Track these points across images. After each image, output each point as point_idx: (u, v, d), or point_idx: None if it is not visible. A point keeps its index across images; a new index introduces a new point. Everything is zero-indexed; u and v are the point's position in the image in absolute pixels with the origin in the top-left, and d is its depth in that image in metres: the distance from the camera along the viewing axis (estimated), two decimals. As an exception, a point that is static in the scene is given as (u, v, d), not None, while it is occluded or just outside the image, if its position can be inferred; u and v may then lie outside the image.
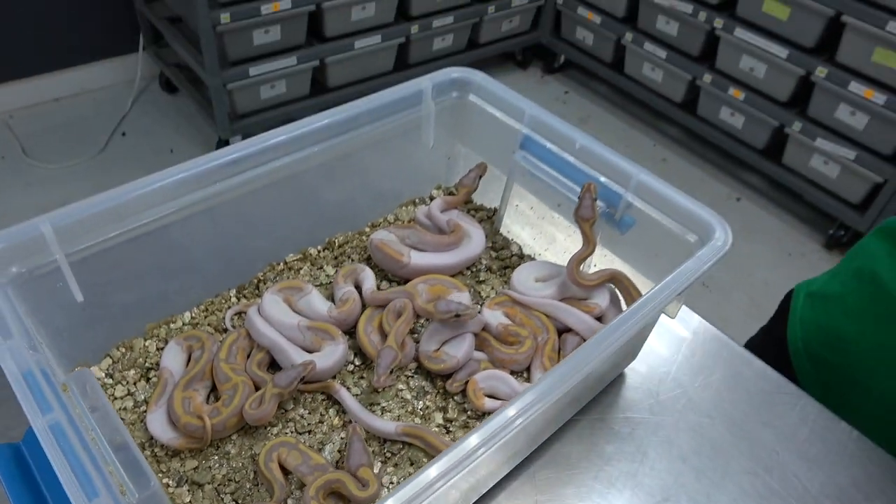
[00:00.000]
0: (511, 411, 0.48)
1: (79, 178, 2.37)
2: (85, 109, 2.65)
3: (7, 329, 0.50)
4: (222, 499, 0.57)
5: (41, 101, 2.66)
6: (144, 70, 2.70)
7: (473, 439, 0.47)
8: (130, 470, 0.47)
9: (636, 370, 0.75)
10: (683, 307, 0.82)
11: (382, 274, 0.76)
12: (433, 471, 0.45)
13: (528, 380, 0.68)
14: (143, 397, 0.64)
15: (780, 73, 2.22)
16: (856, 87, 2.04)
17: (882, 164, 2.06)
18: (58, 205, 0.59)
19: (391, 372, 0.63)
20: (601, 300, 0.71)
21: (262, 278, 0.75)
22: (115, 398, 0.63)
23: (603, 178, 0.71)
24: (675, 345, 0.78)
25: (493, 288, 0.76)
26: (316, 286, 0.73)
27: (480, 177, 0.79)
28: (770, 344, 0.85)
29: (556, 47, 2.95)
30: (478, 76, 0.79)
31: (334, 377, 0.66)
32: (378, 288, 0.73)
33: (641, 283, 0.71)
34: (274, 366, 0.67)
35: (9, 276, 0.55)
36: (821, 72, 2.11)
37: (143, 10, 2.54)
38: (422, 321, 0.71)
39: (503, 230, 0.83)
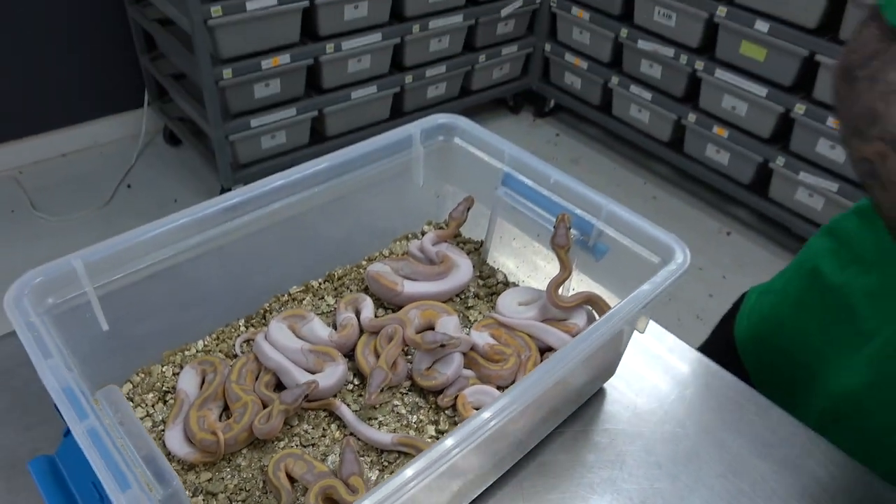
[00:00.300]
0: (486, 414, 0.55)
1: (85, 230, 2.47)
2: (91, 163, 2.78)
3: (47, 350, 0.57)
4: (235, 506, 0.64)
5: (49, 157, 2.78)
6: (149, 124, 2.83)
7: (449, 441, 0.53)
8: (155, 471, 0.54)
9: (615, 386, 0.82)
10: (659, 327, 0.89)
11: (379, 302, 0.84)
12: (409, 471, 0.51)
13: (513, 395, 0.74)
14: (160, 418, 0.71)
15: (760, 110, 2.34)
16: (834, 122, 2.15)
17: (864, 196, 2.15)
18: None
19: (382, 390, 0.70)
20: (579, 320, 0.78)
21: (268, 309, 0.82)
22: (136, 419, 0.70)
23: (578, 211, 0.79)
24: (651, 362, 0.85)
25: (480, 312, 0.83)
26: (318, 315, 0.80)
27: (468, 209, 0.88)
28: (720, 339, 0.93)
29: (545, 92, 3.09)
30: (461, 121, 0.88)
31: (335, 395, 0.73)
32: (375, 315, 0.81)
33: (615, 303, 0.78)
34: (280, 386, 0.74)
35: (46, 307, 0.63)
36: (799, 108, 2.22)
37: (149, 68, 2.68)
38: (415, 344, 0.78)
39: (490, 260, 0.91)
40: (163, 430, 0.69)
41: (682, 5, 2.40)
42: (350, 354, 0.77)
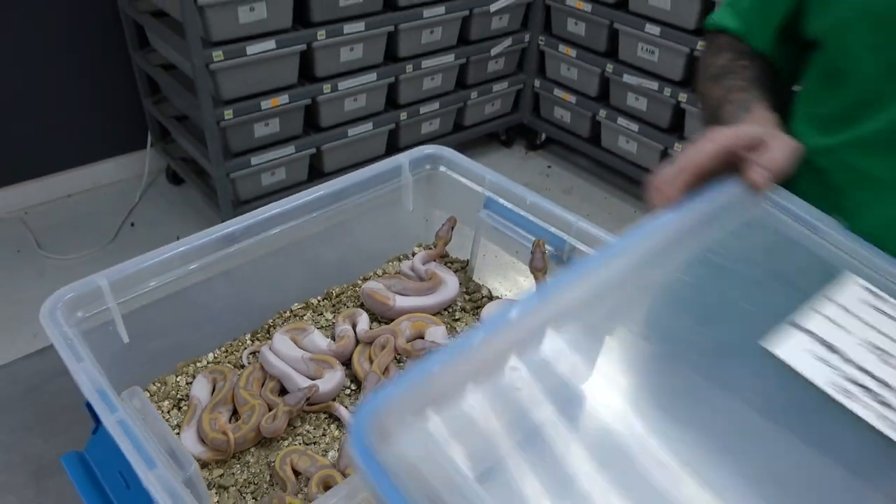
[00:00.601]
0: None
1: (89, 268, 2.54)
2: (96, 203, 2.88)
3: (80, 355, 0.66)
4: (244, 497, 0.71)
5: (55, 198, 2.89)
6: (152, 164, 2.94)
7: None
8: (174, 457, 0.62)
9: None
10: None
11: (374, 316, 0.92)
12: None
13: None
14: (175, 422, 0.79)
15: (742, 139, 2.45)
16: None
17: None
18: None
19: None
20: (556, 328, 0.87)
21: (272, 324, 0.91)
22: (153, 423, 0.78)
23: (552, 228, 0.89)
24: (626, 368, 0.93)
25: (466, 324, 0.92)
26: (317, 328, 0.89)
27: (452, 227, 0.97)
28: None
29: (536, 126, 3.21)
30: (446, 151, 0.98)
31: (334, 399, 0.81)
32: (370, 328, 0.89)
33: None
34: (284, 392, 0.82)
35: (76, 320, 0.72)
36: (779, 136, 2.33)
37: (151, 110, 2.81)
38: (406, 353, 0.87)
39: (475, 277, 1.00)
40: (178, 433, 0.77)
41: (664, 41, 2.54)
42: (347, 362, 0.85)
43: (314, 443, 0.77)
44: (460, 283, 0.96)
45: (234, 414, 0.79)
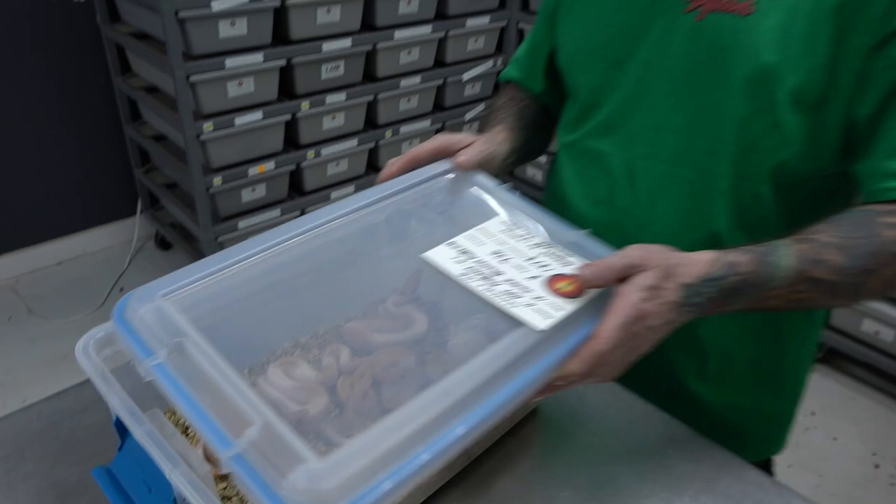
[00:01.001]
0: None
1: (80, 333, 2.67)
2: (85, 270, 3.04)
3: (110, 381, 0.81)
4: (245, 504, 0.86)
5: (45, 266, 3.04)
6: (141, 231, 3.12)
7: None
8: (190, 464, 0.77)
9: (552, 405, 1.06)
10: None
11: (354, 351, 1.08)
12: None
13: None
14: (184, 445, 0.93)
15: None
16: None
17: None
18: (60, 357, 0.91)
19: (360, 413, 0.94)
20: (512, 357, 1.04)
21: (265, 360, 1.07)
22: (165, 446, 0.92)
23: (507, 271, 1.07)
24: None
25: (434, 356, 1.08)
26: (305, 362, 1.05)
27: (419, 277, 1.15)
28: None
29: (509, 181, 3.44)
30: (416, 208, 1.17)
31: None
32: (351, 360, 1.05)
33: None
34: (278, 417, 0.97)
35: (104, 356, 0.88)
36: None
37: (142, 179, 3.00)
38: (384, 382, 1.03)
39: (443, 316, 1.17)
40: (187, 454, 0.91)
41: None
42: (331, 389, 1.01)
43: (305, 458, 0.92)
44: (429, 322, 1.13)
45: (236, 436, 0.94)
